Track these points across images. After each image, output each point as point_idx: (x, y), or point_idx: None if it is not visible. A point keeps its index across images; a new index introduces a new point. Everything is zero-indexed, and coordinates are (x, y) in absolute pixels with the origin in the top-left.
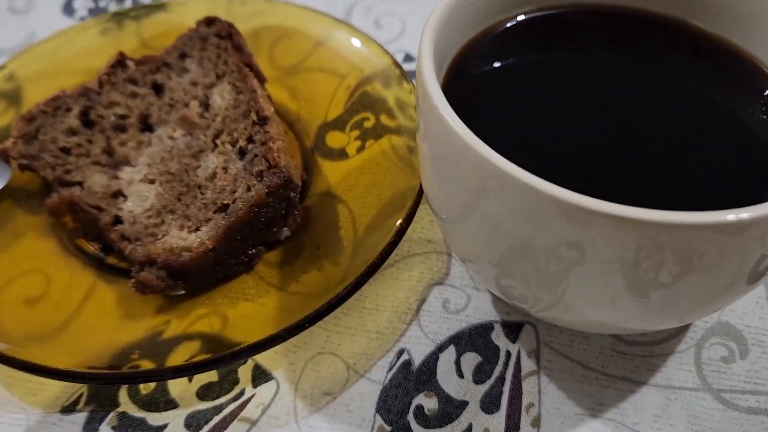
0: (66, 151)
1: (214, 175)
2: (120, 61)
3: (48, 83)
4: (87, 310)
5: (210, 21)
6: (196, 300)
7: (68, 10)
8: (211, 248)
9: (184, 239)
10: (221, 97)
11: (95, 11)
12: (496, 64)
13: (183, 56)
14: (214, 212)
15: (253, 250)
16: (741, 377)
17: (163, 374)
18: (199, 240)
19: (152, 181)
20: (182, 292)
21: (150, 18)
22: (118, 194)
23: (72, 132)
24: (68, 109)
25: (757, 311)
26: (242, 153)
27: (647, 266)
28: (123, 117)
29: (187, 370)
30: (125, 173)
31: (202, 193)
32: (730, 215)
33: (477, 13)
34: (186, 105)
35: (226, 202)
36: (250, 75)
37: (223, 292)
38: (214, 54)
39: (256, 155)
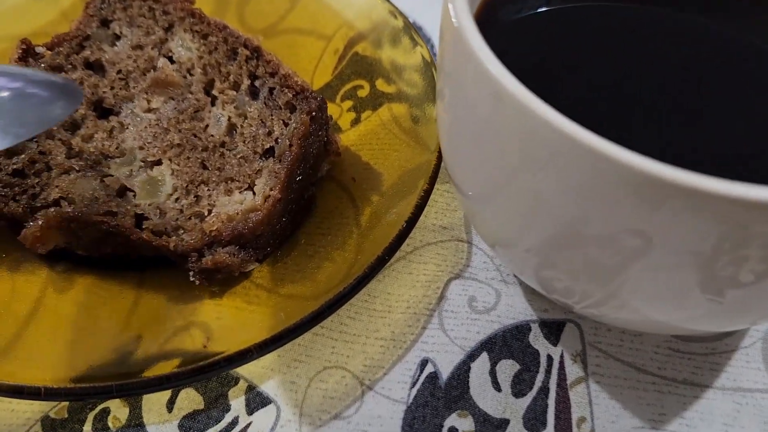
0: (19, 173)
1: (232, 127)
2: (26, 51)
3: None
4: (35, 328)
5: None
6: (172, 310)
7: None
8: (280, 198)
9: (240, 202)
10: (185, 48)
11: None
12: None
13: (105, 23)
14: (261, 161)
15: (310, 192)
16: None
17: (132, 388)
18: (262, 194)
19: (158, 162)
20: (256, 264)
21: None
22: (124, 191)
23: (12, 152)
24: None
25: None
26: (253, 92)
27: (727, 262)
28: None
29: (160, 383)
30: (115, 168)
31: (229, 150)
32: None
33: None
34: (145, 71)
35: (268, 145)
36: (204, 14)
37: (204, 299)
38: (145, 8)
39: (272, 88)
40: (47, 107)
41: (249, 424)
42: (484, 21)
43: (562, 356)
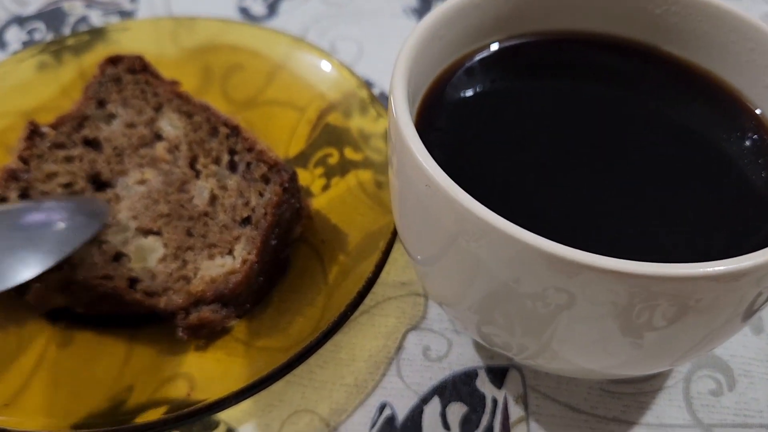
0: None
1: (214, 198)
2: (33, 131)
3: None
4: (38, 380)
5: (114, 60)
6: (160, 362)
7: None
8: (256, 261)
9: (222, 265)
10: (172, 126)
11: (29, 44)
12: (469, 98)
13: (102, 104)
14: (239, 228)
15: (285, 254)
16: (730, 410)
17: None
18: (240, 258)
19: (149, 231)
20: (235, 321)
21: (90, 50)
22: (119, 256)
23: None
24: (2, 200)
25: (740, 339)
26: (233, 166)
27: (640, 313)
28: (68, 185)
29: (148, 428)
30: (111, 235)
31: (212, 218)
32: (728, 266)
33: (446, 46)
34: (138, 148)
35: (246, 215)
36: (190, 96)
37: (188, 352)
38: (137, 90)
39: (249, 162)
40: (85, 228)
41: None
42: (425, 113)
43: (505, 398)
